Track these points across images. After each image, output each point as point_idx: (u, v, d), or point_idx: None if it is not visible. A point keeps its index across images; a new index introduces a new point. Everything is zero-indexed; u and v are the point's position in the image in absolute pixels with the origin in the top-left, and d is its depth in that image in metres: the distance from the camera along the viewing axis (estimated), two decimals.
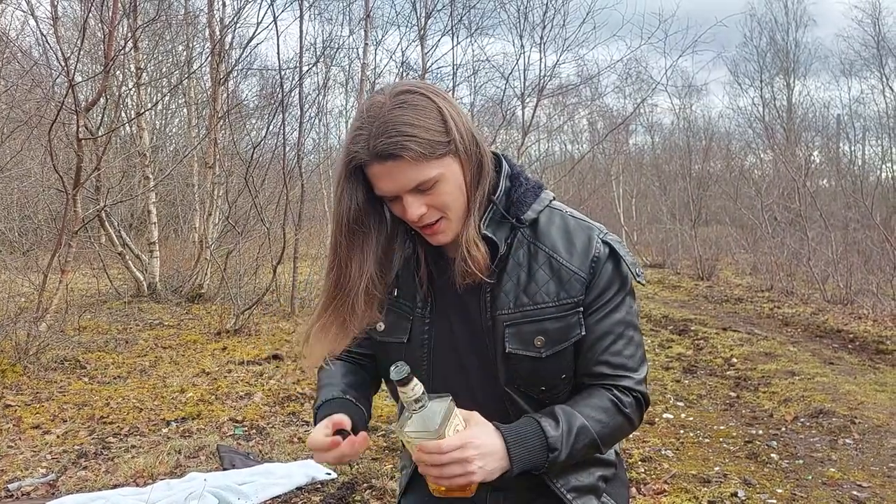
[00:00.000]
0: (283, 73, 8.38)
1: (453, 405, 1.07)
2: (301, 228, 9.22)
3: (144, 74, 10.32)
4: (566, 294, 1.15)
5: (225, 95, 10.45)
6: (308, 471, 3.48)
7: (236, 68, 10.68)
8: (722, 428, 4.33)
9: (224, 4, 9.94)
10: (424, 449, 1.03)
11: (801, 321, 8.38)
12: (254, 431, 4.24)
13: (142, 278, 9.19)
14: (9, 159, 8.53)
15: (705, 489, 3.31)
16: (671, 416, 4.57)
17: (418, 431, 1.04)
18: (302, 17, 8.12)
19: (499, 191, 1.17)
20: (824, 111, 23.31)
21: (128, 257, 9.18)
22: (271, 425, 4.34)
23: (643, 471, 3.56)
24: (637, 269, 1.20)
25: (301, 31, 8.39)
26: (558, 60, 12.64)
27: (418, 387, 1.04)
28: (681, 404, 4.88)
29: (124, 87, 10.07)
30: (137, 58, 9.49)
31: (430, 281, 1.23)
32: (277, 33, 8.18)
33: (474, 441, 1.05)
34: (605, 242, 1.18)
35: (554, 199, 1.23)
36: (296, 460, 3.68)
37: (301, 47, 8.32)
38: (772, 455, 3.80)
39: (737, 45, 31.33)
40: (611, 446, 1.23)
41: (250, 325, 7.28)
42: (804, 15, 27.51)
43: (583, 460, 1.25)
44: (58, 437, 4.08)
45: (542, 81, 8.72)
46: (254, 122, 13.39)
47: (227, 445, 3.88)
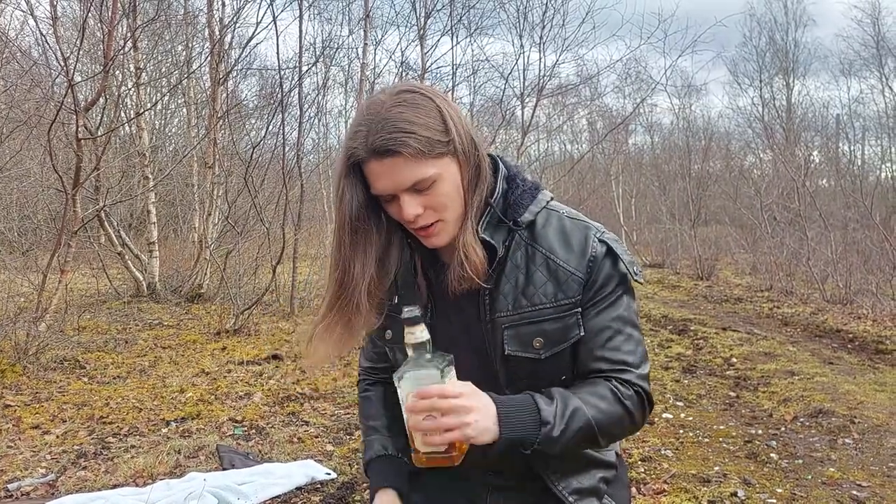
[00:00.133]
0: (282, 72, 8.39)
1: (453, 362, 1.06)
2: (300, 228, 9.22)
3: (144, 74, 10.32)
4: (564, 295, 1.15)
5: (224, 95, 10.45)
6: (307, 471, 3.48)
7: (236, 68, 10.69)
8: (721, 428, 4.33)
9: (223, 4, 9.95)
10: (425, 393, 1.01)
11: (800, 321, 8.38)
12: (253, 431, 4.24)
13: (141, 278, 9.19)
14: (8, 159, 8.53)
15: (705, 489, 3.31)
16: (671, 416, 4.57)
17: (419, 375, 1.02)
18: (301, 16, 8.12)
19: (496, 193, 1.17)
20: (824, 111, 23.39)
21: (127, 257, 9.18)
22: (271, 425, 4.34)
23: (643, 470, 3.56)
24: (635, 268, 1.19)
25: (300, 31, 8.38)
26: (558, 60, 12.65)
27: (425, 333, 1.04)
28: (680, 404, 4.88)
29: (124, 87, 10.07)
30: (137, 58, 9.48)
31: (428, 287, 1.23)
32: (277, 33, 8.21)
33: (474, 393, 1.05)
34: (602, 241, 1.18)
35: (552, 200, 1.22)
36: (295, 460, 3.68)
37: (300, 47, 8.32)
38: (771, 455, 3.80)
39: (736, 45, 31.37)
40: (609, 439, 1.18)
41: (250, 325, 7.28)
42: (803, 15, 27.58)
43: (583, 462, 1.25)
44: (57, 437, 4.08)
45: (542, 81, 8.73)
46: (253, 121, 13.41)
47: (226, 445, 3.88)
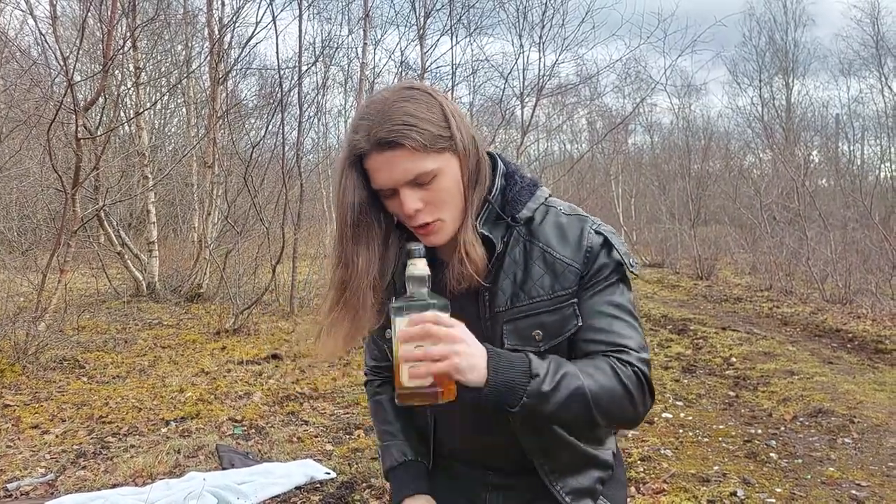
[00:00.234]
0: (282, 72, 8.39)
1: (449, 308, 1.07)
2: (300, 228, 9.23)
3: (143, 74, 10.32)
4: (560, 286, 1.15)
5: (224, 95, 10.45)
6: (307, 470, 3.48)
7: (235, 68, 10.69)
8: (721, 427, 4.33)
9: (223, 4, 9.95)
10: (419, 319, 1.00)
11: (800, 321, 8.38)
12: (253, 431, 4.24)
13: (141, 278, 9.19)
14: (7, 159, 8.53)
15: (704, 488, 3.31)
16: (670, 416, 4.57)
17: (415, 305, 1.03)
18: (301, 16, 8.12)
19: (494, 190, 1.18)
20: (823, 111, 23.40)
21: (127, 257, 9.18)
22: (270, 425, 4.34)
23: (642, 470, 3.56)
24: (631, 260, 1.19)
25: (300, 31, 8.39)
26: (557, 60, 12.66)
27: (426, 269, 1.05)
28: (680, 403, 4.88)
29: (123, 87, 10.06)
30: (136, 57, 9.48)
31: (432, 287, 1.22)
32: (276, 33, 8.23)
33: (467, 331, 1.04)
34: (598, 233, 1.18)
35: (550, 197, 1.23)
36: (295, 460, 3.68)
37: (300, 47, 8.32)
38: (771, 454, 3.80)
39: (736, 45, 31.41)
40: (606, 418, 1.11)
41: (249, 325, 7.29)
42: (803, 14, 27.65)
43: (581, 461, 1.24)
44: (57, 436, 4.08)
45: (542, 81, 8.72)
46: (253, 121, 13.41)
47: (226, 445, 3.88)
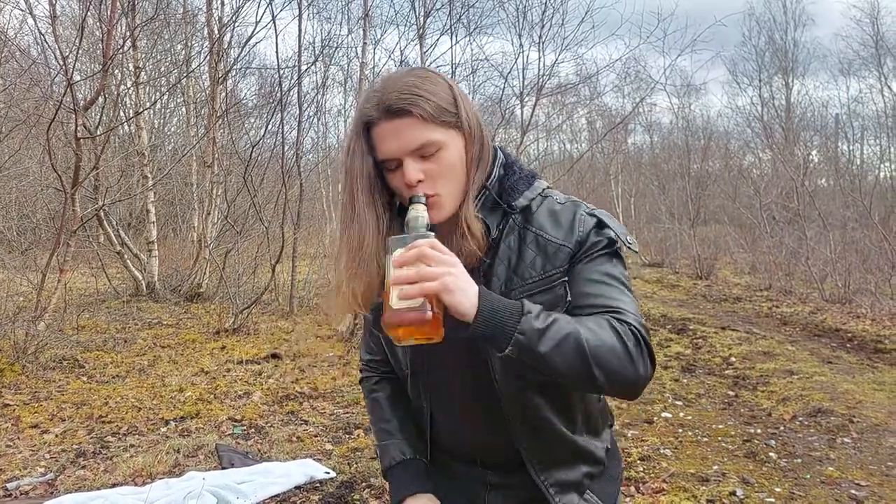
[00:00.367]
0: (281, 72, 8.38)
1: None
2: (300, 227, 9.22)
3: (143, 73, 10.32)
4: (552, 266, 1.15)
5: (223, 94, 10.44)
6: (306, 470, 3.48)
7: (235, 67, 10.68)
8: (720, 427, 4.33)
9: (222, 3, 9.94)
10: (416, 244, 1.01)
11: (799, 320, 8.39)
12: (252, 430, 4.24)
13: (140, 277, 9.18)
14: (7, 158, 8.52)
15: (704, 488, 3.31)
16: (670, 415, 4.57)
17: (412, 234, 1.05)
18: (300, 15, 8.11)
19: (492, 177, 1.19)
20: (823, 110, 23.44)
21: (126, 256, 9.17)
22: (270, 424, 4.34)
23: (642, 469, 3.56)
24: (627, 238, 1.18)
25: (300, 30, 8.38)
26: (557, 59, 12.64)
27: (426, 214, 1.07)
28: (679, 403, 4.88)
29: (123, 86, 10.06)
30: (136, 57, 9.48)
31: None
32: (276, 32, 8.23)
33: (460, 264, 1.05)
34: (591, 215, 1.18)
35: (547, 188, 1.23)
36: (294, 459, 3.68)
37: (300, 46, 8.31)
38: (770, 454, 3.80)
39: (735, 45, 31.39)
40: (604, 372, 1.03)
41: (249, 325, 7.28)
42: (803, 14, 27.66)
43: (571, 454, 1.23)
44: (56, 436, 4.08)
45: (541, 80, 8.69)
46: (252, 121, 13.40)
47: (225, 444, 3.88)
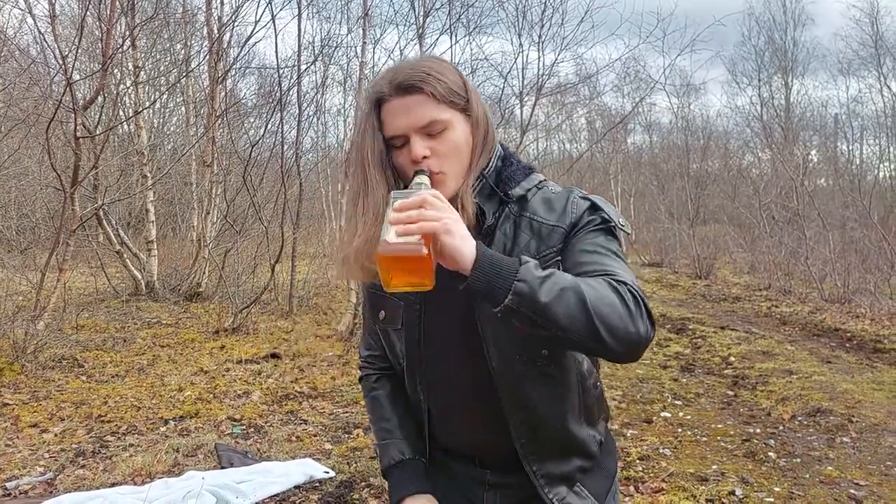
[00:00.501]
0: (281, 71, 8.37)
1: None
2: (299, 227, 9.22)
3: (142, 73, 10.31)
4: (546, 246, 1.16)
5: (223, 94, 10.44)
6: (306, 469, 3.48)
7: (234, 67, 10.68)
8: (720, 426, 4.33)
9: (222, 3, 9.93)
10: (419, 193, 1.02)
11: (798, 320, 8.39)
12: (252, 430, 4.24)
13: (140, 277, 9.18)
14: (6, 158, 8.51)
15: (703, 487, 3.31)
16: (669, 415, 4.57)
17: (415, 189, 1.06)
18: (300, 15, 8.10)
19: (490, 168, 1.21)
20: (822, 110, 23.45)
21: (126, 256, 9.17)
22: (269, 424, 4.34)
23: (641, 469, 3.56)
24: (620, 220, 1.19)
25: (299, 30, 8.39)
26: (557, 59, 12.62)
27: (430, 186, 1.09)
28: (679, 403, 4.89)
29: (122, 86, 10.06)
30: (135, 56, 9.47)
31: None
32: (276, 32, 8.21)
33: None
34: (584, 198, 1.19)
35: (544, 180, 1.24)
36: (294, 459, 3.68)
37: (299, 46, 8.30)
38: (769, 453, 3.80)
39: (735, 45, 31.45)
40: (605, 326, 0.99)
41: (248, 324, 7.28)
42: (802, 14, 27.60)
43: (564, 448, 1.23)
44: (56, 435, 4.08)
45: (541, 80, 8.68)
46: (252, 120, 13.40)
47: (225, 444, 3.88)
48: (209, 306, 8.45)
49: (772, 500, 3.20)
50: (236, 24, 9.62)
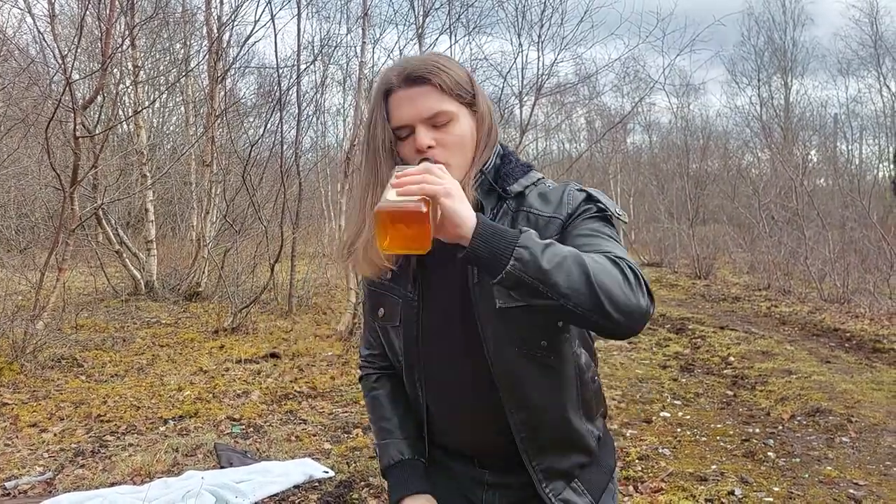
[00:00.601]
0: (280, 71, 8.37)
1: None
2: (299, 227, 9.22)
3: (142, 72, 10.30)
4: (542, 237, 1.15)
5: (222, 93, 10.44)
6: (305, 469, 3.48)
7: (234, 66, 10.68)
8: (719, 426, 4.34)
9: (221, 2, 9.92)
10: (424, 165, 1.05)
11: (798, 320, 8.40)
12: (251, 430, 4.24)
13: (139, 276, 9.17)
14: (6, 157, 8.51)
15: (702, 487, 3.31)
16: (668, 415, 4.58)
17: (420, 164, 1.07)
18: (299, 15, 8.10)
19: (489, 164, 1.23)
20: (821, 110, 23.49)
21: (125, 255, 9.17)
22: (269, 424, 4.34)
23: (640, 469, 3.56)
24: (617, 210, 1.19)
25: (299, 30, 8.40)
26: (556, 59, 12.60)
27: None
28: (678, 403, 4.89)
29: (121, 85, 10.05)
30: (135, 55, 9.46)
31: (419, 261, 1.24)
32: (275, 31, 8.22)
33: None
34: (580, 190, 1.20)
35: (542, 178, 1.25)
36: (293, 458, 3.68)
37: (299, 45, 8.30)
38: (768, 453, 3.81)
39: (734, 44, 31.45)
40: (606, 294, 0.99)
41: (248, 324, 7.28)
42: (802, 14, 27.64)
43: (564, 444, 1.23)
44: (55, 435, 4.08)
45: (540, 80, 8.68)
46: (251, 120, 13.39)
47: (224, 444, 3.88)
48: (208, 306, 8.45)
49: (771, 499, 3.20)
50: (236, 23, 9.61)
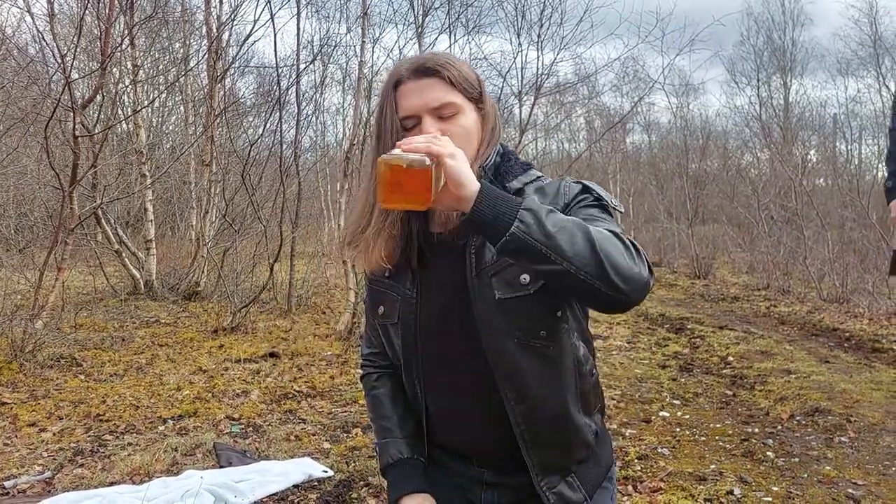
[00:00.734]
0: (280, 70, 8.37)
1: None
2: (298, 226, 9.21)
3: (141, 72, 10.30)
4: None
5: (222, 93, 10.42)
6: (305, 468, 3.48)
7: (233, 66, 10.67)
8: (718, 426, 4.34)
9: (221, 2, 9.92)
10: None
11: (797, 320, 8.40)
12: (250, 429, 4.24)
13: (138, 276, 9.17)
14: (5, 157, 8.50)
15: (701, 487, 3.31)
16: (667, 415, 4.58)
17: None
18: (299, 14, 8.10)
19: (489, 161, 1.25)
20: (821, 110, 23.50)
21: (124, 255, 9.16)
22: (268, 423, 4.34)
23: (639, 469, 3.56)
24: (613, 201, 1.21)
25: (298, 29, 8.36)
26: (556, 59, 12.61)
27: None
28: (677, 402, 4.89)
29: (121, 85, 10.05)
30: (134, 55, 9.45)
31: (419, 257, 1.25)
32: (275, 31, 8.20)
33: None
34: (577, 182, 1.23)
35: (542, 176, 1.26)
36: (292, 458, 3.68)
37: (298, 45, 8.30)
38: (767, 453, 3.81)
39: (734, 44, 31.46)
40: (609, 260, 1.00)
41: (247, 323, 7.28)
42: (801, 14, 27.65)
43: (563, 438, 1.23)
44: (54, 434, 4.08)
45: (540, 80, 8.68)
46: (251, 119, 13.39)
47: (223, 443, 3.88)
48: (208, 305, 8.45)
49: (770, 499, 3.20)
50: (235, 22, 9.62)
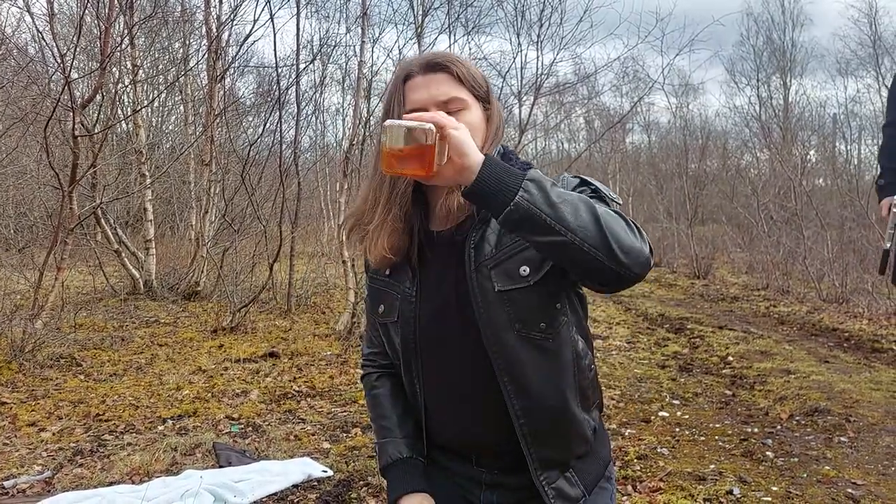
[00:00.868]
0: (279, 70, 8.37)
1: None
2: (297, 226, 9.21)
3: (141, 71, 10.30)
4: None
5: (221, 93, 10.42)
6: (304, 468, 3.48)
7: (233, 65, 10.67)
8: (717, 426, 4.34)
9: (220, 2, 9.92)
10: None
11: (796, 320, 8.40)
12: (250, 429, 4.24)
13: (138, 276, 9.17)
14: (5, 156, 8.50)
15: (701, 487, 3.32)
16: (667, 415, 4.58)
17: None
18: (299, 14, 8.11)
19: None
20: (820, 110, 23.53)
21: (124, 255, 9.16)
22: (267, 423, 4.34)
23: (639, 468, 3.57)
24: (611, 194, 1.21)
25: (298, 29, 8.37)
26: (555, 59, 12.61)
27: None
28: (676, 402, 4.89)
29: (120, 84, 10.04)
30: (134, 55, 9.45)
31: (420, 254, 1.25)
32: (274, 31, 8.20)
33: None
34: (575, 177, 1.24)
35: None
36: (292, 458, 3.68)
37: (298, 45, 8.30)
38: (767, 453, 3.81)
39: (733, 44, 31.48)
40: (611, 233, 1.01)
41: (246, 323, 7.28)
42: (801, 14, 27.72)
43: (562, 433, 1.24)
44: (53, 434, 4.08)
45: (539, 80, 8.67)
46: (250, 119, 13.40)
47: (223, 443, 3.88)
48: (207, 305, 8.45)
49: (769, 499, 3.20)
50: (235, 22, 9.62)
